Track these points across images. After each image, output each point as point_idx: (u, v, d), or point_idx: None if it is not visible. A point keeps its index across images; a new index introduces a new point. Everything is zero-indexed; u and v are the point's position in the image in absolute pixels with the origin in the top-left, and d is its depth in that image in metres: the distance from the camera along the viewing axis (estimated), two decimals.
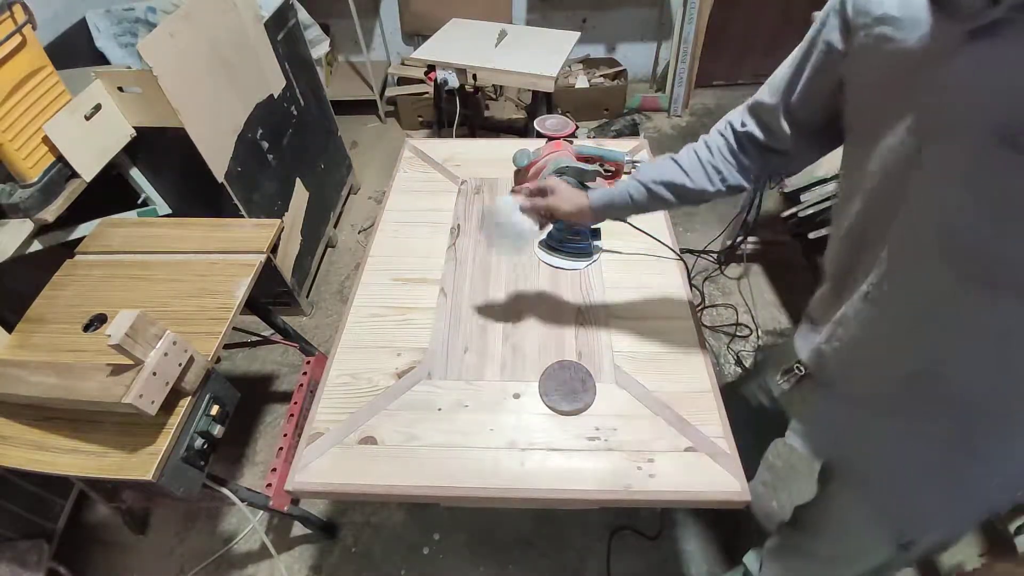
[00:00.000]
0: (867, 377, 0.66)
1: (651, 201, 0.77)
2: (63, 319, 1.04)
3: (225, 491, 1.07)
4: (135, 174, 1.49)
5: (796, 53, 0.65)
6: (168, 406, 0.86)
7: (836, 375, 0.70)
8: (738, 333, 1.92)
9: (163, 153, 1.47)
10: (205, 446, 0.95)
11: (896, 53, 0.49)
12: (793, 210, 1.72)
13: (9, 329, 1.03)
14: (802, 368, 0.76)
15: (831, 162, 1.77)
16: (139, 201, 1.53)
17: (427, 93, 2.79)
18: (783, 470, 1.49)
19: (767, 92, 0.69)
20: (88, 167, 1.27)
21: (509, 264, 1.08)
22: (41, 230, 1.23)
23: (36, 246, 1.25)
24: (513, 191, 0.89)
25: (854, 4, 0.54)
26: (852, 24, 0.54)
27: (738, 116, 0.74)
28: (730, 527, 1.42)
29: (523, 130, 2.67)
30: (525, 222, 0.83)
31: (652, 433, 0.81)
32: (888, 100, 0.52)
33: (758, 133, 0.71)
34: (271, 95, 1.80)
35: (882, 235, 0.56)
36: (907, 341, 0.58)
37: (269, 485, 1.26)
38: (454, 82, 2.03)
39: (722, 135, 0.75)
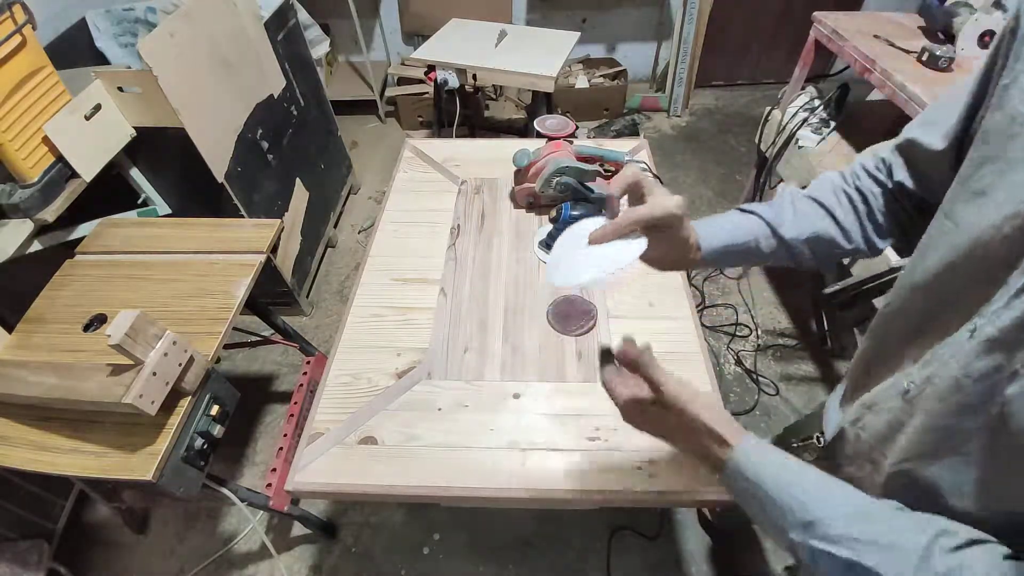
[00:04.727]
0: (874, 475, 0.53)
1: (777, 254, 0.59)
2: (63, 319, 1.04)
3: (225, 491, 1.07)
4: (135, 174, 1.49)
5: (970, 84, 0.47)
6: (168, 406, 0.86)
7: (850, 458, 0.57)
8: (738, 333, 1.93)
9: (163, 153, 1.47)
10: (205, 446, 0.95)
11: None
12: None
13: (9, 329, 1.03)
14: (821, 441, 0.68)
15: (832, 162, 1.77)
16: (139, 201, 1.53)
17: (427, 93, 2.79)
18: None
19: (932, 133, 0.52)
20: (88, 167, 1.27)
21: (509, 264, 1.08)
22: (41, 230, 1.23)
23: (36, 246, 1.25)
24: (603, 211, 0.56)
25: None
26: None
27: (887, 158, 0.58)
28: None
29: (523, 130, 2.68)
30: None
31: None
32: None
33: (911, 185, 0.56)
34: (271, 95, 1.80)
35: (952, 323, 0.42)
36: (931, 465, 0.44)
37: (269, 485, 1.26)
38: (454, 82, 2.03)
39: (874, 179, 0.59)
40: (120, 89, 1.32)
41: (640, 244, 0.51)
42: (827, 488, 0.43)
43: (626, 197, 0.54)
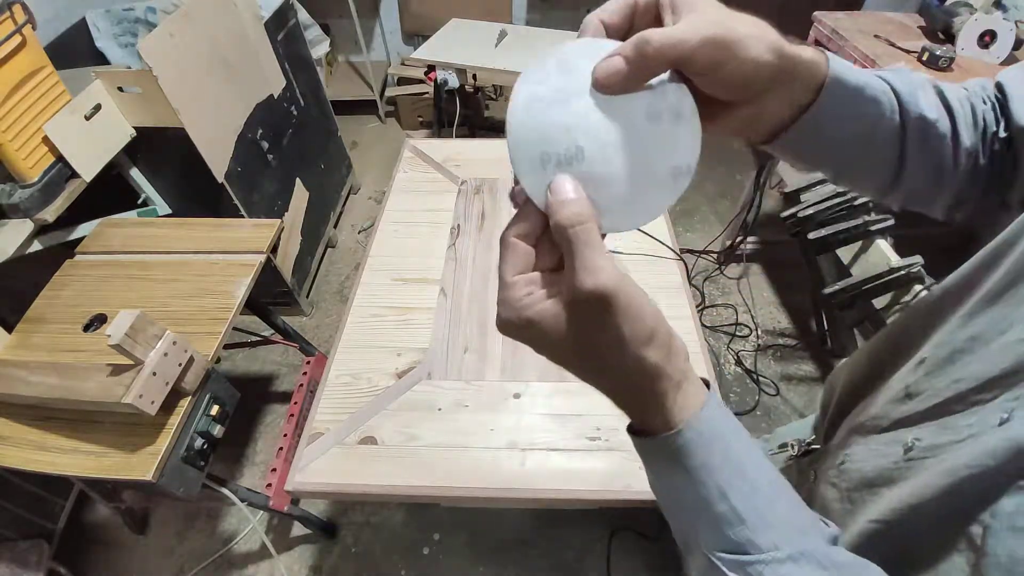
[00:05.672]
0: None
1: (888, 149, 0.37)
2: (63, 319, 1.04)
3: (225, 491, 1.07)
4: (135, 174, 1.49)
5: None
6: (168, 406, 0.86)
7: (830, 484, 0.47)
8: (738, 333, 1.93)
9: (163, 153, 1.47)
10: (205, 446, 0.95)
11: None
12: (793, 210, 1.72)
13: (9, 329, 1.03)
14: (794, 448, 0.61)
15: None
16: (139, 201, 1.53)
17: (427, 93, 2.79)
18: None
19: None
20: (88, 167, 1.27)
21: None
22: (41, 230, 1.23)
23: (36, 246, 1.25)
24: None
25: None
26: None
27: (980, 94, 0.40)
28: None
29: None
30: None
31: None
32: None
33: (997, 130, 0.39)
34: (271, 95, 1.80)
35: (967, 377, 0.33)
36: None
37: (269, 485, 1.26)
38: (454, 82, 2.04)
39: (992, 112, 0.39)
40: (120, 89, 1.32)
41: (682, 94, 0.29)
42: (776, 504, 0.29)
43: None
